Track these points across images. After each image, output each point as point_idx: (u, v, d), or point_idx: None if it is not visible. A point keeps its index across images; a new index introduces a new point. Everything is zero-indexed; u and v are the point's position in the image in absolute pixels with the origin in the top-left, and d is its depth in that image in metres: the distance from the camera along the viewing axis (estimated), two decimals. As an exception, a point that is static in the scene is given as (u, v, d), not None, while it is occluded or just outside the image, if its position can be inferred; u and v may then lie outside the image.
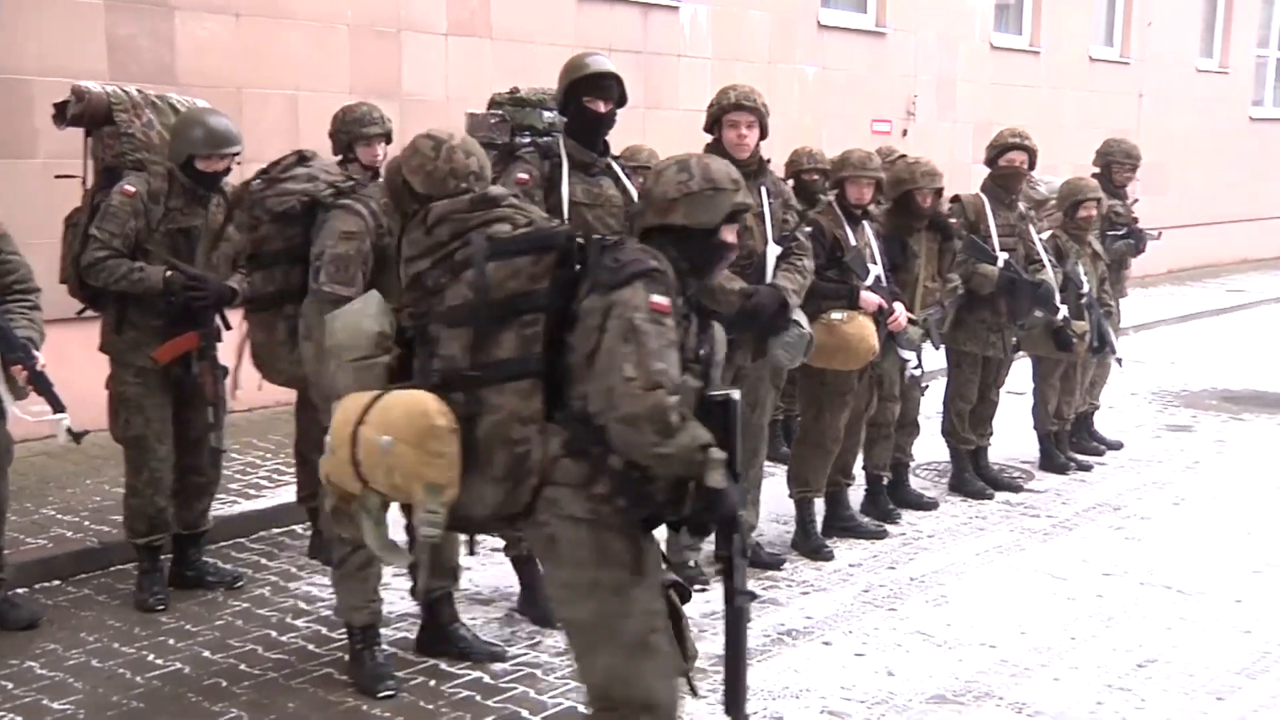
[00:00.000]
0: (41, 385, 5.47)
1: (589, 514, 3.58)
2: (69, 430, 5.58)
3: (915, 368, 7.30)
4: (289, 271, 5.50)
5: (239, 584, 6.49)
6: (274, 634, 5.92)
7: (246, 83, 9.44)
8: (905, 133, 15.25)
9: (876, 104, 15.38)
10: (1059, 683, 5.51)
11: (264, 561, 6.90)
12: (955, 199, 8.23)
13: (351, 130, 6.79)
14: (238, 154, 6.09)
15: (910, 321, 7.19)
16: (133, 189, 5.93)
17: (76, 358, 6.56)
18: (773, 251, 6.39)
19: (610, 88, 5.92)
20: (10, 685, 5.32)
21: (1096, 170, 9.57)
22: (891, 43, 15.67)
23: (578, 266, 3.63)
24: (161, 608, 6.15)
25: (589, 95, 5.87)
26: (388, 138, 6.88)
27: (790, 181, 8.00)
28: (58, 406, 5.55)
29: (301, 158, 5.95)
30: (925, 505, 8.03)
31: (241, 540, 7.18)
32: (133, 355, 6.07)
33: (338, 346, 3.90)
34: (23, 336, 5.51)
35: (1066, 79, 18.58)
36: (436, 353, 3.67)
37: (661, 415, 3.38)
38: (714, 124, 6.43)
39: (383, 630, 5.52)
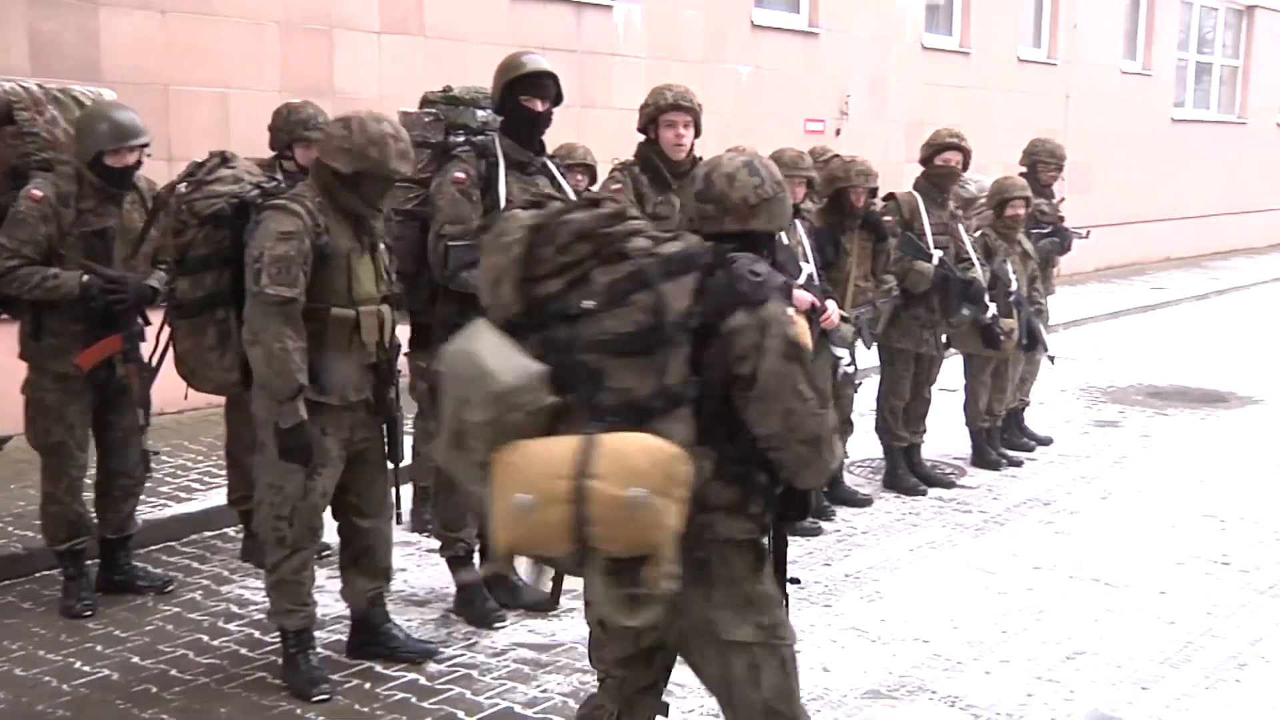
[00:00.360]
0: None
1: (746, 534, 3.43)
2: None
3: (848, 365, 7.29)
4: (219, 276, 5.39)
5: (169, 588, 6.39)
6: (206, 638, 5.84)
7: (174, 80, 9.32)
8: (839, 132, 15.30)
9: (810, 103, 15.41)
10: (990, 676, 5.53)
11: (195, 565, 6.81)
12: (890, 197, 8.26)
13: (294, 131, 6.64)
14: (146, 145, 5.96)
15: (842, 319, 7.20)
16: (40, 193, 5.76)
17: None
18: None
19: (547, 86, 5.89)
20: (-64, 692, 5.22)
21: (1023, 170, 9.64)
22: (824, 43, 15.71)
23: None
24: (89, 614, 6.04)
25: (526, 94, 5.83)
26: None
27: None
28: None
29: (224, 159, 5.89)
30: (859, 502, 8.03)
31: (172, 544, 7.08)
32: (53, 362, 5.92)
33: (511, 391, 3.16)
34: None
35: (995, 79, 18.71)
36: (605, 385, 3.24)
37: (830, 433, 3.33)
38: (650, 123, 6.38)
39: (316, 633, 5.44)
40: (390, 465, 5.57)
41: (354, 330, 5.13)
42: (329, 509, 5.39)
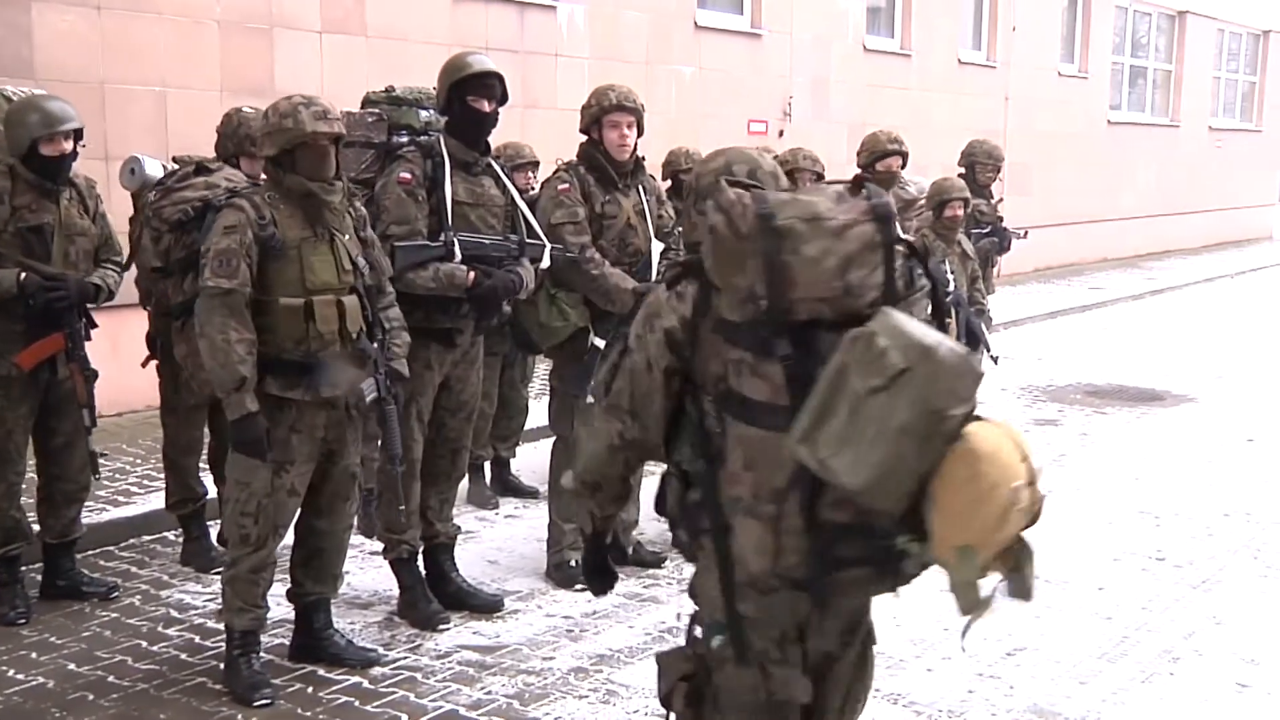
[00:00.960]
0: None
1: None
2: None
3: None
4: (196, 279, 5.29)
5: (114, 594, 6.28)
6: (144, 644, 5.75)
7: (109, 78, 9.20)
8: (781, 133, 15.33)
9: (753, 104, 15.43)
10: (932, 673, 5.53)
11: (134, 570, 6.71)
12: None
13: (241, 145, 6.48)
14: (79, 130, 5.88)
15: None
16: None
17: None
18: (656, 248, 6.39)
19: (494, 87, 5.86)
20: None
21: (961, 170, 9.67)
22: (767, 44, 15.74)
23: None
24: (23, 621, 5.92)
25: (473, 95, 5.80)
26: None
27: (668, 181, 8.10)
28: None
29: (200, 168, 5.91)
30: None
31: (110, 548, 6.97)
32: None
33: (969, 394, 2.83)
34: None
35: (936, 81, 18.80)
36: None
37: None
38: (593, 124, 6.34)
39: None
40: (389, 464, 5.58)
41: (308, 320, 5.05)
42: None
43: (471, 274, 5.64)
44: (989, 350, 9.01)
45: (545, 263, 5.95)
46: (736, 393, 2.97)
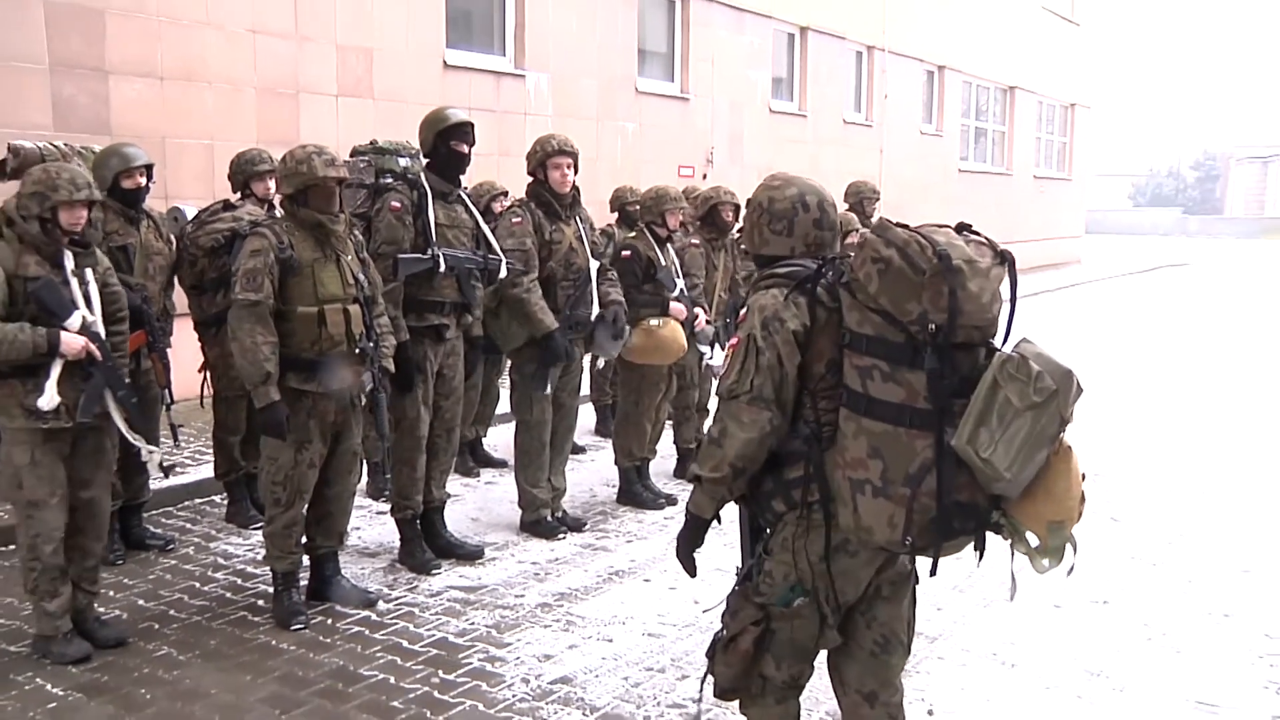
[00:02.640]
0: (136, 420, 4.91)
1: None
2: (160, 465, 5.17)
3: (710, 359, 7.31)
4: (227, 294, 5.34)
5: (172, 546, 6.22)
6: (197, 584, 5.70)
7: (169, 134, 9.13)
8: (705, 176, 15.33)
9: (682, 153, 15.46)
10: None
11: (188, 526, 6.63)
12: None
13: (246, 170, 6.64)
14: (150, 166, 5.87)
15: (707, 323, 7.22)
16: None
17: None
18: (594, 265, 6.41)
19: (469, 133, 5.91)
20: (-31, 633, 5.01)
21: (849, 205, 9.68)
22: (693, 106, 15.76)
23: None
24: (120, 562, 5.96)
25: (455, 139, 5.86)
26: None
27: (616, 213, 8.56)
28: (150, 441, 5.16)
29: (227, 205, 6.32)
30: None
31: (169, 509, 6.90)
32: None
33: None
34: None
35: (826, 137, 18.92)
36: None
37: None
38: (539, 166, 6.32)
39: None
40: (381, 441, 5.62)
41: (320, 325, 5.02)
42: None
43: None
44: None
45: (502, 273, 5.98)
46: (862, 394, 2.92)
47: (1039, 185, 28.55)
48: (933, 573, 3.08)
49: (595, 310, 6.39)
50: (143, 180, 5.82)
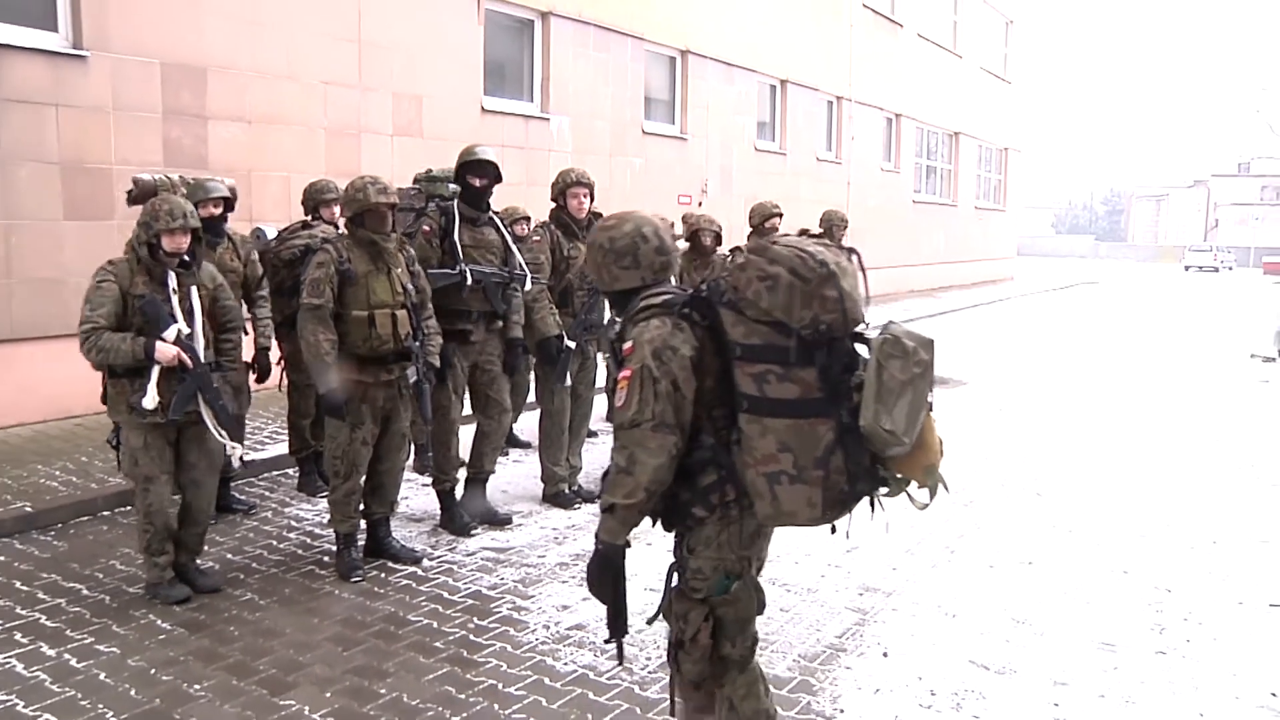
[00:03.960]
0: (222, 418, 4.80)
1: None
2: (241, 458, 5.15)
3: None
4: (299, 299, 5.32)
5: (253, 510, 6.20)
6: (274, 543, 5.68)
7: (254, 167, 9.14)
8: (700, 204, 15.35)
9: (681, 184, 15.45)
10: (798, 565, 5.50)
11: (267, 494, 6.59)
12: (736, 249, 8.16)
13: (316, 197, 6.59)
14: (225, 197, 5.74)
15: None
16: None
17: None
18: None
19: (486, 169, 5.82)
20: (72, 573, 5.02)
21: (820, 230, 9.61)
22: (691, 145, 15.74)
23: None
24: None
25: (472, 174, 5.81)
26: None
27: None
28: (235, 437, 5.05)
29: (305, 224, 6.37)
30: None
31: (251, 479, 6.87)
32: None
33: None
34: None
35: (802, 171, 18.91)
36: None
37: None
38: (560, 194, 6.27)
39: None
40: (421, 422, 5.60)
41: (370, 326, 5.02)
42: None
43: None
44: None
45: (527, 285, 5.94)
46: (761, 397, 2.73)
47: (979, 215, 28.54)
48: (833, 531, 2.99)
49: (607, 315, 6.35)
50: (217, 210, 5.69)
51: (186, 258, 4.69)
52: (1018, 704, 4.02)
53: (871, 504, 2.92)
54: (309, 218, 6.61)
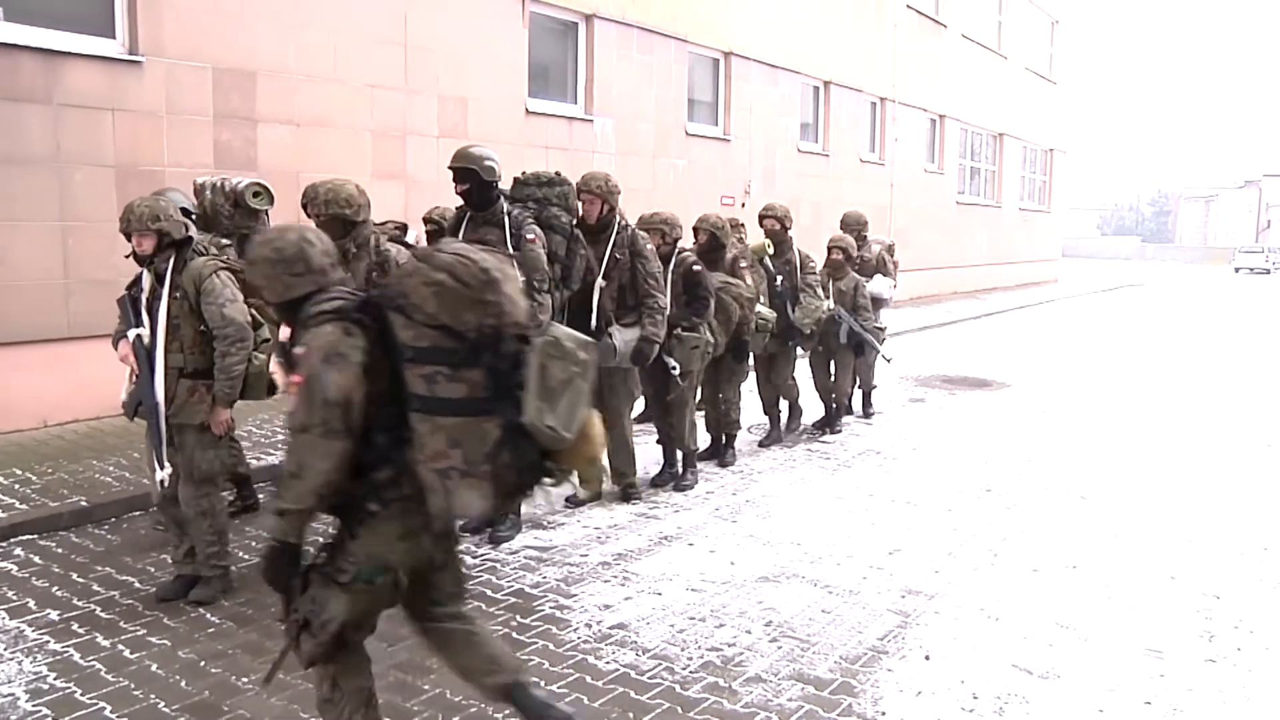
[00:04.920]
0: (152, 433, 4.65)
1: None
2: (161, 483, 4.74)
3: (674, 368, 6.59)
4: None
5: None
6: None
7: (302, 169, 9.19)
8: (743, 205, 15.28)
9: (724, 186, 15.39)
10: (840, 566, 5.48)
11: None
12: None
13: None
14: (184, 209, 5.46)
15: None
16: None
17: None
18: (599, 283, 6.12)
19: (460, 173, 5.58)
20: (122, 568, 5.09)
21: (844, 229, 9.28)
22: (734, 146, 15.69)
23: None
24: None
25: (454, 179, 5.63)
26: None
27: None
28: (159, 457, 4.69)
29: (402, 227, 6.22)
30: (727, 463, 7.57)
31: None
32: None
33: None
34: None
35: (845, 173, 18.77)
36: None
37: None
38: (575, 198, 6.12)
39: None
40: None
41: None
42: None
43: None
44: (878, 352, 8.86)
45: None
46: (431, 396, 2.81)
47: (1023, 216, 28.19)
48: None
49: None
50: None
51: (156, 259, 4.58)
52: (1062, 709, 3.96)
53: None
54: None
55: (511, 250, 5.53)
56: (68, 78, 7.75)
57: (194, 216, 5.37)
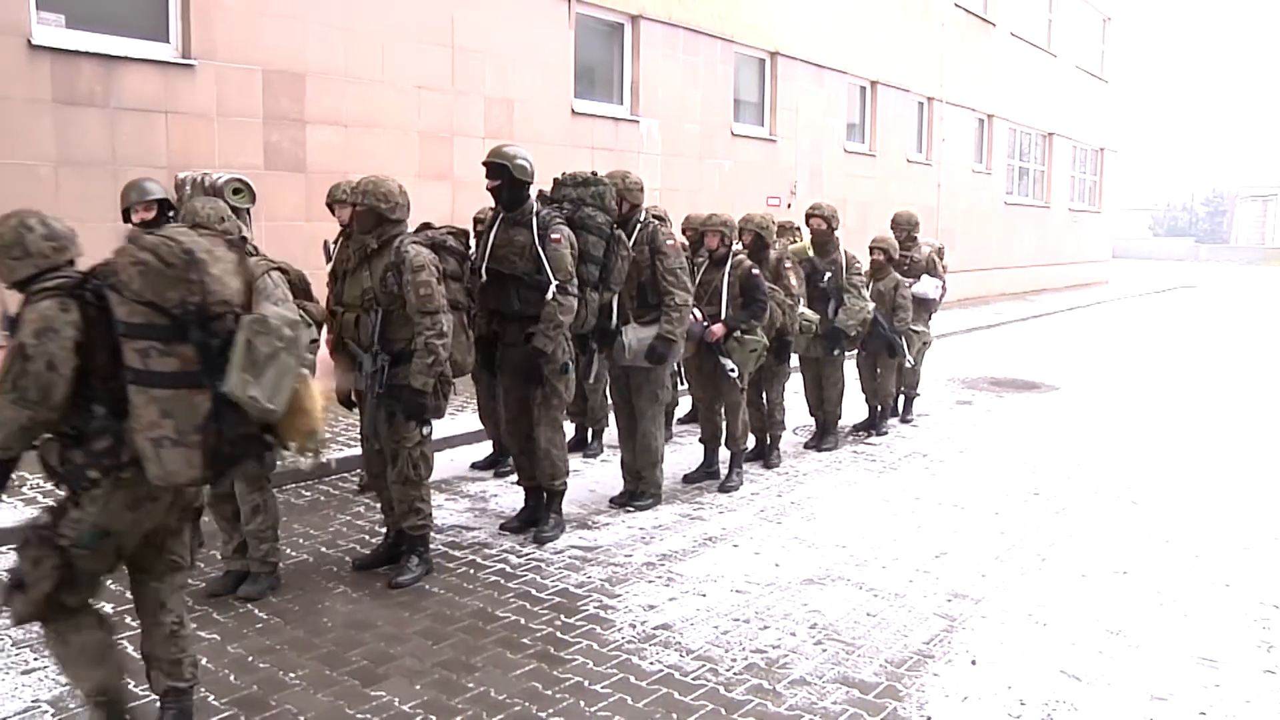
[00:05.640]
0: None
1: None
2: None
3: (731, 369, 6.61)
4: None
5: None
6: (366, 538, 5.77)
7: (350, 170, 9.21)
8: (789, 206, 15.21)
9: (770, 187, 15.32)
10: (885, 569, 5.43)
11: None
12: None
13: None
14: (163, 201, 5.38)
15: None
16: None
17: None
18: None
19: (490, 168, 5.56)
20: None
21: (894, 230, 9.15)
22: (780, 146, 15.61)
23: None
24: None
25: (486, 175, 5.60)
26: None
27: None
28: None
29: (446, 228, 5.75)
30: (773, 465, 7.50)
31: (344, 474, 6.97)
32: None
33: None
34: None
35: (892, 173, 18.62)
36: None
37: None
38: None
39: (436, 536, 5.35)
40: None
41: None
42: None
43: None
44: (904, 355, 8.62)
45: (550, 293, 5.43)
46: (145, 370, 2.98)
47: (1072, 217, 27.78)
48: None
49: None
50: (150, 215, 5.28)
51: None
52: (1112, 717, 3.90)
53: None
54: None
55: (539, 250, 5.46)
56: (124, 81, 7.89)
57: (172, 211, 5.35)
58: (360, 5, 9.46)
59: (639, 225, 6.12)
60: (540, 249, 5.44)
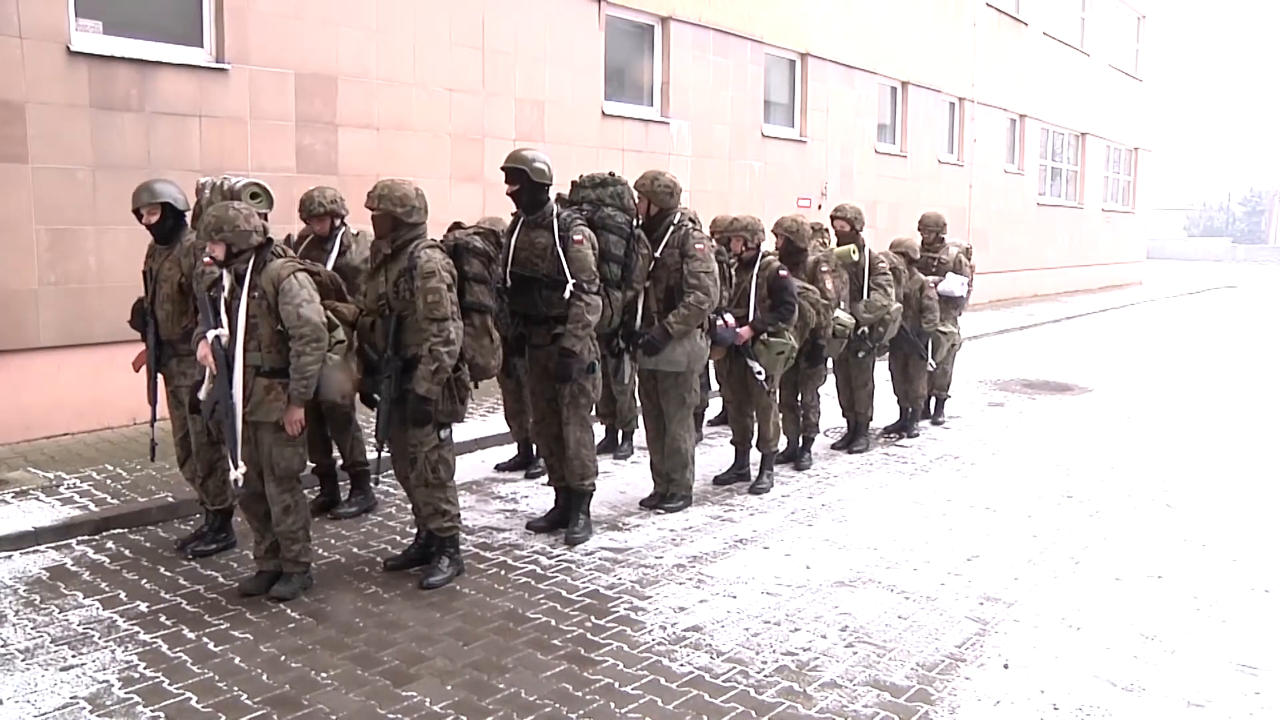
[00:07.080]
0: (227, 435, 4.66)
1: None
2: (235, 482, 4.75)
3: (758, 372, 6.62)
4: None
5: (375, 507, 6.34)
6: (398, 538, 5.80)
7: (382, 172, 9.29)
8: (820, 207, 15.17)
9: (800, 188, 15.29)
10: (917, 571, 5.39)
11: (390, 492, 6.71)
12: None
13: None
14: (165, 204, 5.36)
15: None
16: None
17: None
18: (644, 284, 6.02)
19: (509, 173, 5.52)
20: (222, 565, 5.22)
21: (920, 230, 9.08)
22: (810, 148, 15.57)
23: None
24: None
25: (505, 180, 5.57)
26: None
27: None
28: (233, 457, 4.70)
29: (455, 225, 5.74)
30: (803, 466, 7.48)
31: (375, 477, 7.01)
32: None
33: None
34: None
35: (924, 174, 18.53)
36: None
37: None
38: None
39: (467, 537, 5.35)
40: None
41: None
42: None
43: None
44: (925, 358, 8.52)
45: (566, 292, 5.44)
46: None
47: (1106, 217, 27.52)
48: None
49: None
50: (154, 219, 5.31)
51: (235, 261, 4.62)
52: (1148, 723, 3.85)
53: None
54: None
55: (561, 252, 5.45)
56: (159, 86, 7.97)
57: (188, 215, 5.40)
58: (391, 8, 9.52)
59: (671, 228, 6.07)
60: (561, 250, 5.44)
